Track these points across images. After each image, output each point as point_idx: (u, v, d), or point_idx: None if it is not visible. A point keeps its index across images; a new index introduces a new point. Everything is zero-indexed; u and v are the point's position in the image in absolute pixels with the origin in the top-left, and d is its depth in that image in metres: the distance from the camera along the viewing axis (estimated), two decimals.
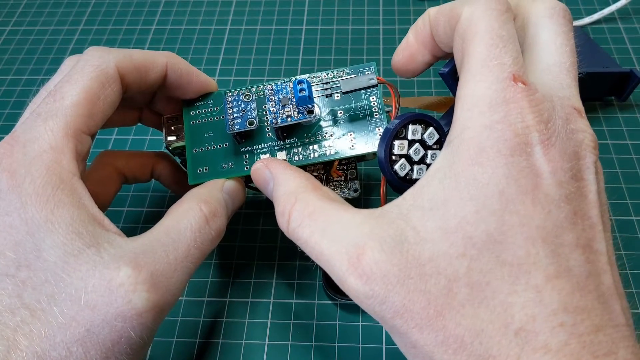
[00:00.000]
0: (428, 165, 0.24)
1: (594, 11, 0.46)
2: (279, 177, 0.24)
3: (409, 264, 0.18)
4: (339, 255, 0.19)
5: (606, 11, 0.46)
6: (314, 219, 0.21)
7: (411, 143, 0.24)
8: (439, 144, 0.24)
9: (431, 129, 0.24)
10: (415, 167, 0.24)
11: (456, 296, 0.17)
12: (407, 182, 0.24)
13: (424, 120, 0.24)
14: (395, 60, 0.26)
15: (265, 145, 0.28)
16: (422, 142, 0.24)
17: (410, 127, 0.23)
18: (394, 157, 0.23)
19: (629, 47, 0.44)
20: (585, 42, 0.43)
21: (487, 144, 0.18)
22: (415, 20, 0.48)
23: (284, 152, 0.28)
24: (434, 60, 0.25)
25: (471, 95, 0.19)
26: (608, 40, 0.45)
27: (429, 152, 0.24)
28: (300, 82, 0.26)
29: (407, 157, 0.24)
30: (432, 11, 0.24)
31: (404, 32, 0.47)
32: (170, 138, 0.29)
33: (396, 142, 0.23)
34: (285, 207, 0.23)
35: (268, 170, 0.25)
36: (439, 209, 0.19)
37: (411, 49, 0.25)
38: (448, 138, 0.20)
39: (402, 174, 0.23)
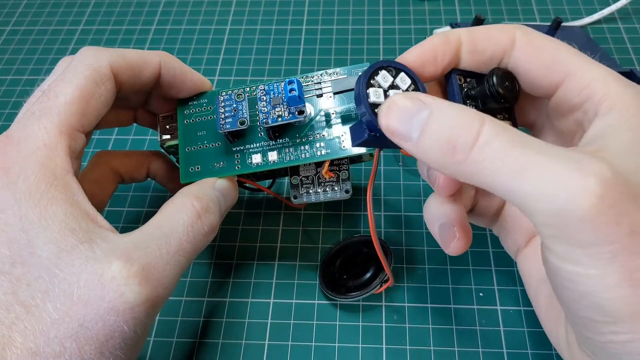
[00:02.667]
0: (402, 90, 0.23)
1: (594, 11, 0.46)
2: (439, 103, 0.20)
3: (636, 186, 0.18)
4: (562, 165, 0.18)
5: (606, 11, 0.46)
6: (511, 132, 0.19)
7: (385, 90, 0.23)
8: (415, 85, 0.23)
9: (402, 74, 0.23)
10: (391, 91, 0.22)
11: None
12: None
13: (391, 67, 0.23)
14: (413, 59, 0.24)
15: (257, 144, 0.28)
16: (395, 87, 0.23)
17: (378, 76, 0.22)
18: (370, 100, 0.22)
19: (629, 47, 0.44)
20: (585, 42, 0.43)
21: None
22: (414, 20, 0.48)
23: (275, 151, 0.28)
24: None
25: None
26: (608, 40, 0.45)
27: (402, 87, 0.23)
28: (291, 82, 0.26)
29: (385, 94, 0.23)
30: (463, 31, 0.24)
31: (404, 32, 0.47)
32: (164, 137, 0.29)
33: (370, 90, 0.22)
34: (471, 123, 0.19)
35: (416, 99, 0.20)
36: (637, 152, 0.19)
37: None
38: (591, 110, 0.21)
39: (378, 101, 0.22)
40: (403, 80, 0.23)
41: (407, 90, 0.23)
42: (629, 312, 0.18)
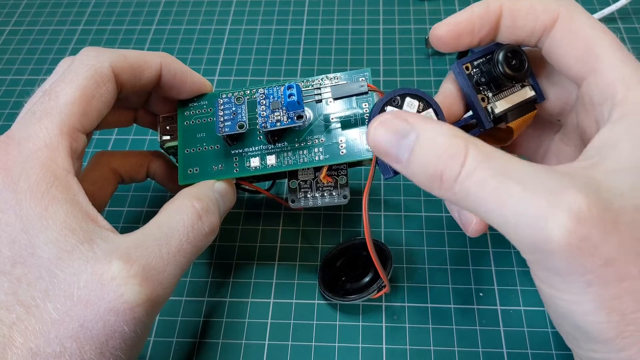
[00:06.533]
0: None
1: (594, 11, 0.46)
2: (425, 125, 0.20)
3: (618, 211, 0.18)
4: (536, 196, 0.18)
5: (606, 11, 0.46)
6: (492, 161, 0.19)
7: None
8: (425, 103, 0.23)
9: (407, 98, 0.23)
10: None
11: None
12: None
13: (424, 99, 0.23)
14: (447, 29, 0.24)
15: (256, 148, 0.28)
16: None
17: (408, 99, 0.22)
18: None
19: (629, 47, 0.44)
20: None
21: None
22: (414, 20, 0.48)
23: (273, 155, 0.28)
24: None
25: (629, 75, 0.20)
26: None
27: None
28: (290, 87, 0.26)
29: None
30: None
31: (404, 32, 0.47)
32: (164, 137, 0.29)
33: (388, 107, 0.22)
34: (455, 154, 0.19)
35: (403, 120, 0.20)
36: (632, 170, 0.19)
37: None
38: (607, 112, 0.20)
39: None
40: (410, 104, 0.23)
41: (417, 112, 0.23)
42: (605, 336, 0.18)
